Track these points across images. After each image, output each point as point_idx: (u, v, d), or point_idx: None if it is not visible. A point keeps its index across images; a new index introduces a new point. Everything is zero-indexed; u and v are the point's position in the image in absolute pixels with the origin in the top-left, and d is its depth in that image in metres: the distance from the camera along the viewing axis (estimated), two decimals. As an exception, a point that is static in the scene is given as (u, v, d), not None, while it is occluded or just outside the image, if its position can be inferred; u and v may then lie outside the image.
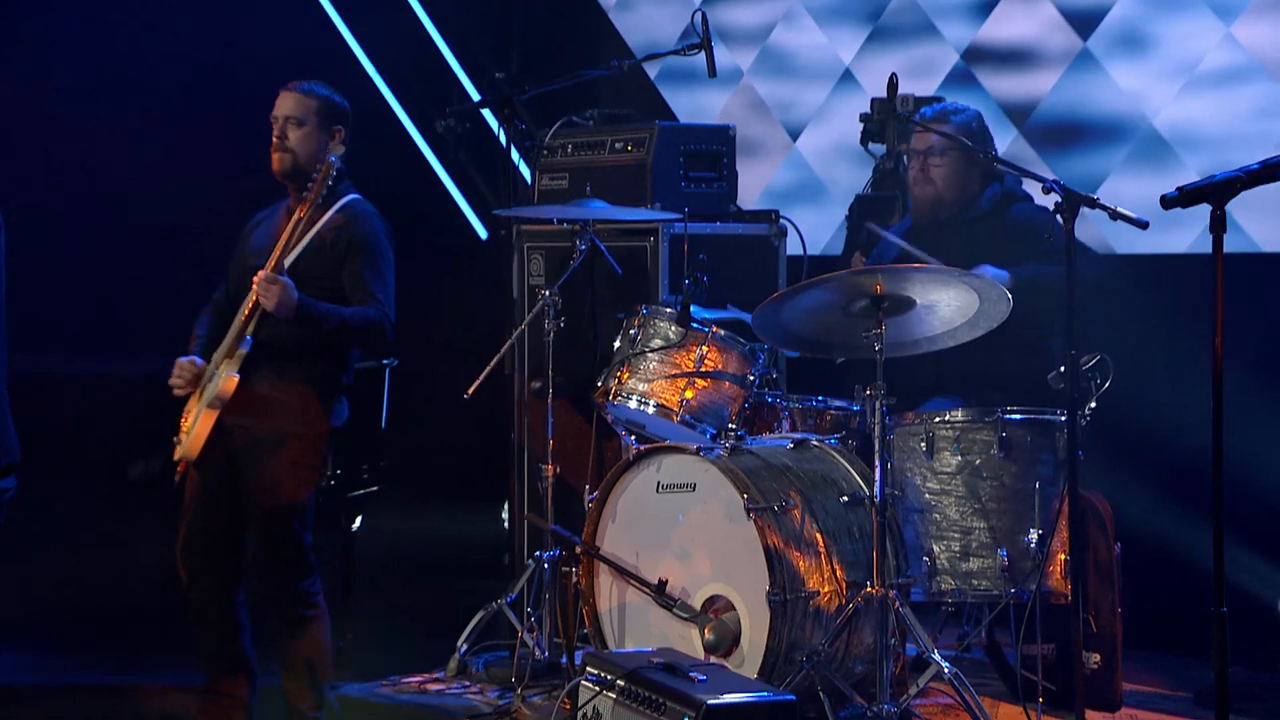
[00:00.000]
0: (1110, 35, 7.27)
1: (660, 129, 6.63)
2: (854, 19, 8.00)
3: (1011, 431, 5.27)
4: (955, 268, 5.18)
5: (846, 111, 7.95)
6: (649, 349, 5.59)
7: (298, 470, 5.35)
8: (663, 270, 6.44)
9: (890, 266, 5.14)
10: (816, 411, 5.70)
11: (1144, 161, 7.13)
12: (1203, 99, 7.00)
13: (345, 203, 5.42)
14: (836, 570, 5.16)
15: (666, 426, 5.62)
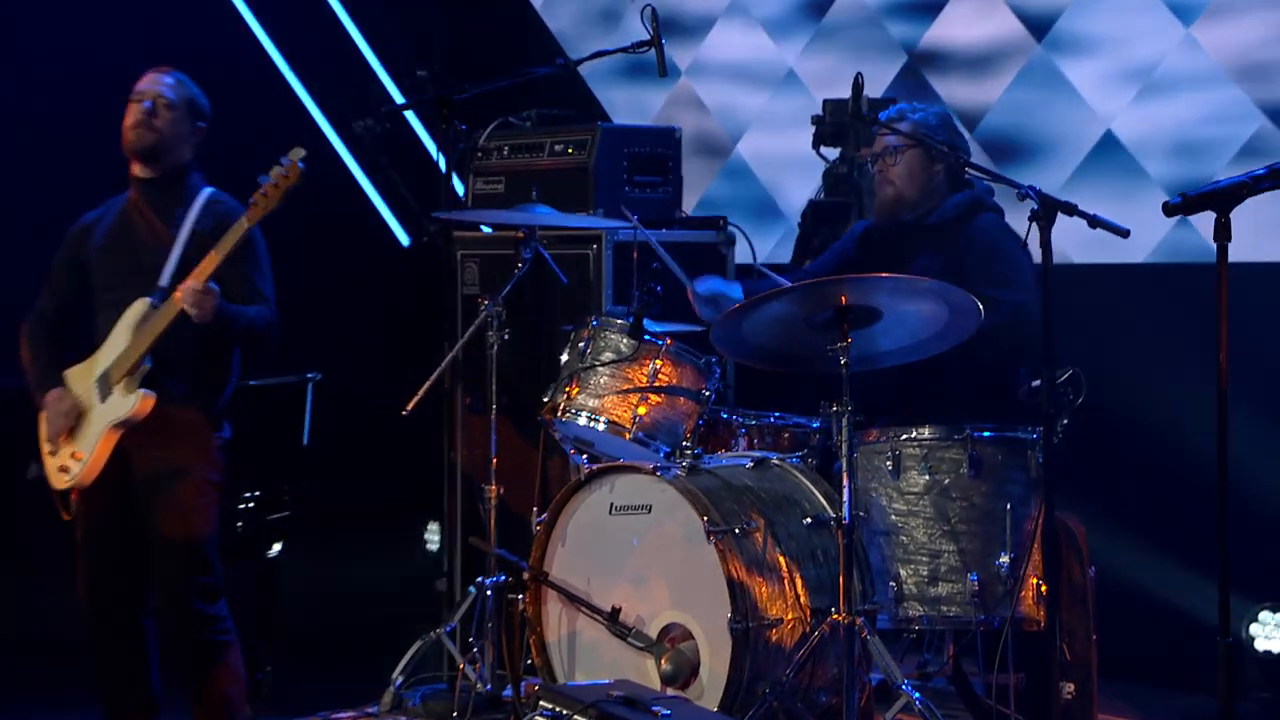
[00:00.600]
0: (1066, 36, 7.29)
1: (603, 130, 6.59)
2: (797, 17, 7.99)
3: (982, 449, 5.24)
4: (925, 278, 5.11)
5: (790, 113, 7.96)
6: (599, 363, 5.53)
7: (202, 493, 5.34)
8: (607, 279, 6.41)
9: (857, 276, 5.08)
10: (774, 428, 5.66)
11: (1102, 167, 7.15)
12: (1162, 103, 7.04)
13: (211, 197, 5.41)
14: (800, 596, 5.11)
15: (618, 444, 5.56)
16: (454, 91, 5.94)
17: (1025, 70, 7.38)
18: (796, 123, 7.85)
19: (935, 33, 7.61)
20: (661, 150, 6.71)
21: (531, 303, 5.91)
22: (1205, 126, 6.92)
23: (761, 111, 8.08)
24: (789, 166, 7.94)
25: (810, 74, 7.95)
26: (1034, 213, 4.85)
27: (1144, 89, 7.08)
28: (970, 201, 5.80)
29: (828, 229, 6.56)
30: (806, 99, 7.92)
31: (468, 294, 6.80)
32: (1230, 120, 6.84)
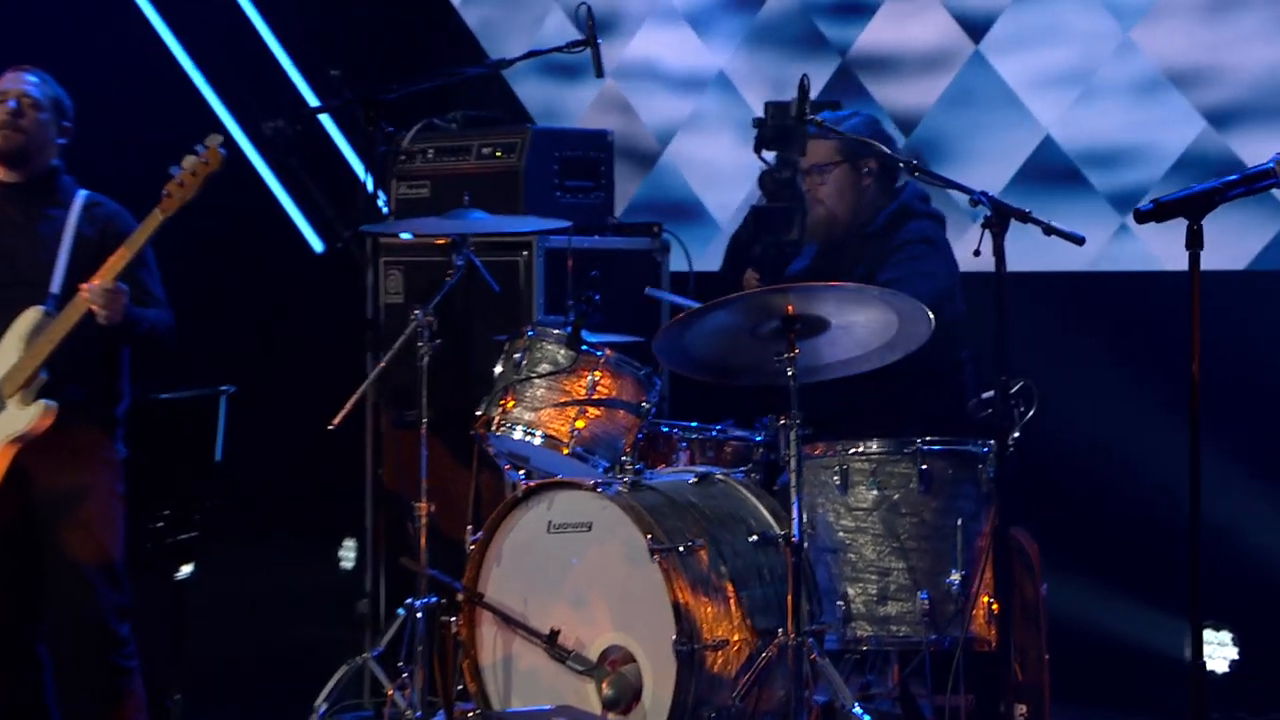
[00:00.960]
0: (1003, 39, 7.31)
1: (534, 133, 6.57)
2: (728, 17, 7.98)
3: (932, 463, 5.24)
4: (874, 286, 5.11)
5: (720, 116, 7.94)
6: (536, 374, 5.49)
7: (109, 508, 5.30)
8: (538, 288, 6.38)
9: (804, 285, 5.07)
10: (716, 442, 5.63)
11: (1041, 173, 7.18)
12: (1102, 107, 7.07)
13: (89, 200, 5.34)
14: (746, 617, 5.08)
15: (555, 459, 5.52)
16: (381, 91, 5.86)
17: (962, 73, 7.39)
18: (727, 125, 7.91)
19: (870, 34, 7.62)
20: (593, 154, 6.69)
21: (460, 312, 5.88)
22: (1146, 131, 6.96)
23: (691, 114, 8.05)
24: (719, 171, 7.93)
25: (741, 76, 7.93)
26: (987, 219, 4.85)
27: (1083, 93, 7.11)
28: (898, 210, 5.84)
29: (770, 235, 6.54)
30: (737, 101, 7.91)
31: (391, 303, 6.75)
32: (1171, 125, 6.89)
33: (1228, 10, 6.78)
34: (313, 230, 8.92)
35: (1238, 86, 6.76)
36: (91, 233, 5.33)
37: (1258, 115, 6.71)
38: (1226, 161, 6.70)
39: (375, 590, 6.58)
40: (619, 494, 5.16)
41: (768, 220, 6.64)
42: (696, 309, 5.09)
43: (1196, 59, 6.88)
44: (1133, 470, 6.46)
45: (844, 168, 5.77)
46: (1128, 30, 7.03)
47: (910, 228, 5.78)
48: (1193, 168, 6.83)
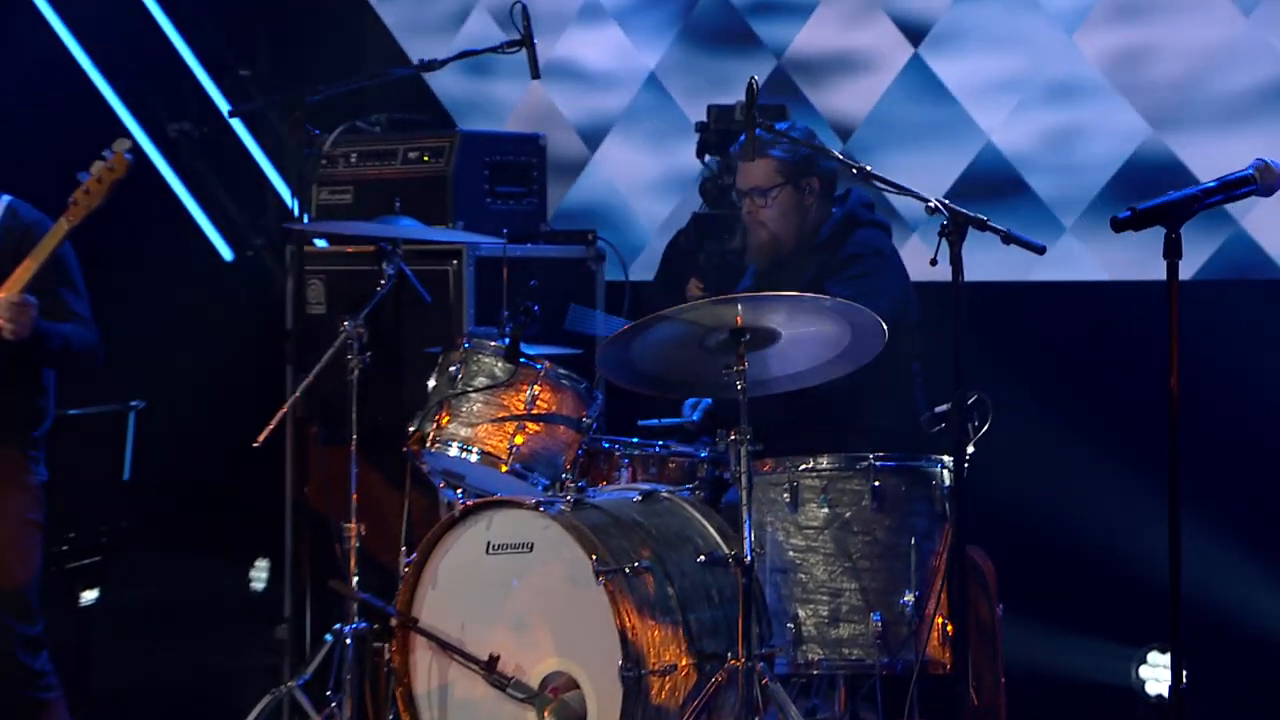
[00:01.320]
0: (944, 41, 7.31)
1: (463, 137, 6.56)
2: (658, 17, 7.95)
3: (885, 480, 5.23)
4: (826, 296, 5.10)
5: (651, 119, 7.91)
6: (472, 389, 5.45)
7: (23, 535, 5.26)
8: (468, 298, 6.35)
9: (754, 295, 5.06)
10: (659, 458, 5.60)
11: (982, 181, 7.17)
12: (1044, 113, 7.08)
13: (10, 205, 5.30)
14: (695, 640, 5.06)
15: (492, 477, 5.48)
16: (308, 92, 5.80)
17: (901, 77, 7.39)
18: (658, 129, 7.86)
19: (806, 36, 7.60)
20: (525, 158, 6.70)
21: (389, 323, 5.82)
22: (1090, 138, 6.97)
23: (619, 117, 8.02)
24: (651, 176, 7.90)
25: (673, 78, 7.90)
26: (944, 228, 4.84)
27: (1025, 98, 7.12)
28: (843, 219, 5.85)
29: (713, 243, 6.52)
30: (668, 104, 7.88)
31: (313, 313, 6.68)
32: (1116, 132, 6.91)
33: (1169, 12, 6.80)
34: (221, 238, 8.82)
35: (1180, 89, 6.78)
36: (6, 242, 5.23)
37: (1200, 118, 6.72)
38: (1170, 165, 6.74)
39: (296, 615, 6.50)
40: (561, 513, 5.12)
41: (710, 227, 6.61)
42: (641, 321, 5.05)
43: (1141, 64, 6.89)
44: (1086, 488, 6.48)
45: (786, 190, 5.79)
46: (1071, 35, 7.04)
47: (857, 238, 5.79)
48: (1137, 173, 6.85)
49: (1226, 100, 6.67)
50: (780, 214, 5.78)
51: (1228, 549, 6.18)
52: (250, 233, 8.68)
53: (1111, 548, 6.36)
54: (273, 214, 8.69)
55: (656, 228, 7.85)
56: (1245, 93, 6.62)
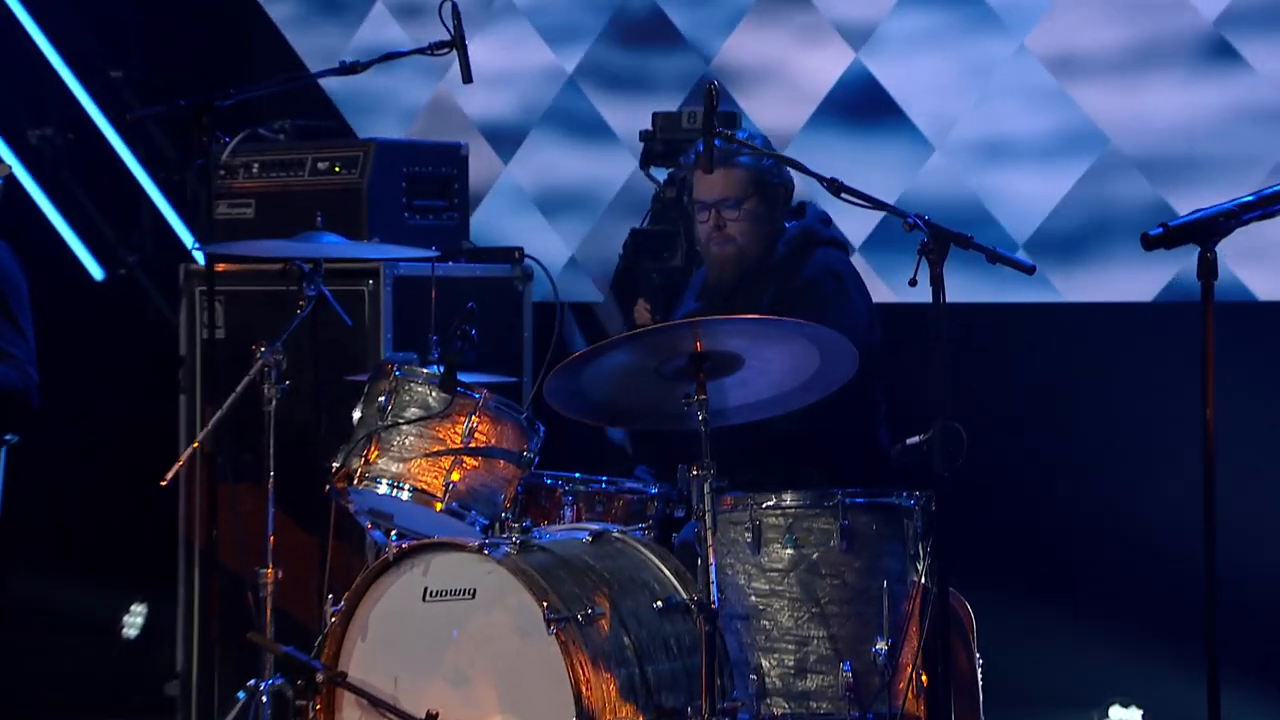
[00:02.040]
0: (888, 45, 7.32)
1: (378, 146, 6.49)
2: (577, 19, 7.91)
3: (855, 518, 5.16)
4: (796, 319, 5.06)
5: (570, 128, 7.88)
6: (404, 420, 5.36)
7: None
8: (386, 322, 6.28)
9: (714, 318, 5.01)
10: (606, 495, 5.52)
11: (931, 194, 7.18)
12: (996, 121, 7.11)
13: None
14: (653, 694, 4.98)
15: (424, 516, 5.39)
16: (220, 97, 5.68)
17: (841, 85, 7.38)
18: (577, 139, 7.85)
19: (738, 39, 7.59)
20: (445, 169, 6.64)
21: (303, 350, 5.72)
22: (1046, 147, 7.01)
23: (536, 124, 7.98)
24: (570, 188, 7.87)
25: (593, 84, 7.87)
26: (924, 245, 4.83)
27: (976, 106, 7.13)
28: (801, 237, 5.83)
29: (651, 261, 6.50)
30: (589, 111, 7.85)
31: (210, 338, 6.53)
32: (1074, 140, 6.95)
33: (1130, 10, 6.86)
34: (90, 255, 8.67)
35: (1145, 95, 6.85)
36: None
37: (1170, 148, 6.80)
38: (1137, 172, 6.82)
39: (189, 669, 6.39)
40: (507, 556, 5.05)
41: (648, 245, 6.58)
42: (593, 347, 4.99)
43: (1096, 69, 6.94)
44: (1072, 517, 6.54)
45: (755, 200, 5.77)
46: (1023, 37, 7.06)
47: (816, 259, 5.78)
48: (1101, 183, 6.90)
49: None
50: (752, 227, 5.76)
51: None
52: (122, 249, 8.56)
53: (1104, 579, 6.42)
54: (148, 229, 8.58)
55: (578, 243, 7.82)
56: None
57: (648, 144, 6.85)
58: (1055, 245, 6.96)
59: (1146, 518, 6.46)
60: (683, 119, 6.78)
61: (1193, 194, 6.59)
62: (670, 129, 6.79)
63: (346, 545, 6.09)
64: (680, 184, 6.65)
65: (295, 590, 5.84)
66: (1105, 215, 6.87)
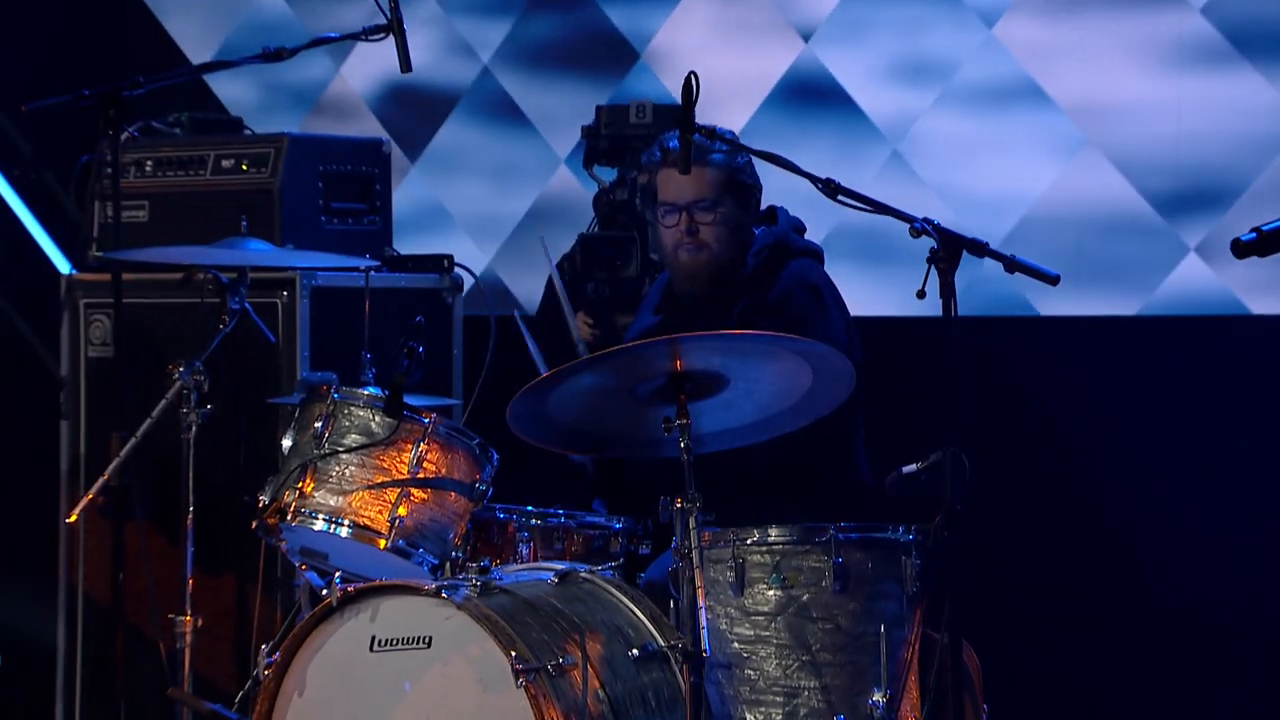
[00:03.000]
0: (840, 33, 7.30)
1: (292, 141, 6.35)
2: (492, 2, 7.86)
3: (849, 556, 5.09)
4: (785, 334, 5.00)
5: (485, 124, 7.83)
6: (343, 448, 5.26)
7: None
8: (303, 338, 6.16)
9: (697, 335, 4.91)
10: (565, 531, 5.45)
11: (888, 196, 7.13)
12: (961, 116, 7.12)
13: None
14: (630, 753, 4.93)
15: (365, 556, 5.28)
16: (129, 86, 5.56)
17: (789, 77, 7.34)
18: (494, 134, 7.81)
19: (673, 25, 7.54)
20: (366, 168, 6.52)
21: (214, 370, 5.62)
22: (1013, 143, 7.04)
23: (448, 120, 7.92)
24: (487, 190, 7.83)
25: (511, 75, 7.82)
26: (933, 253, 4.78)
27: (940, 99, 7.13)
28: (774, 246, 5.80)
29: (604, 271, 6.46)
30: (505, 105, 7.81)
31: (96, 355, 6.46)
32: (1048, 136, 6.98)
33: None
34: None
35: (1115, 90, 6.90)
36: None
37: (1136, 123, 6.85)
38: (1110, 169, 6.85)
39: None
40: (468, 599, 4.94)
41: (598, 252, 6.54)
42: (562, 366, 4.91)
43: (1071, 63, 6.97)
44: (1093, 552, 6.58)
45: (729, 203, 5.73)
46: (991, 28, 7.07)
47: (791, 271, 5.74)
48: (1075, 182, 6.93)
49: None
50: (727, 231, 5.72)
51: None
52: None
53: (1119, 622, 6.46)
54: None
55: (495, 250, 7.77)
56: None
57: (591, 141, 6.80)
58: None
59: (1160, 547, 6.51)
60: (630, 112, 6.73)
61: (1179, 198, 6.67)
62: (616, 124, 6.75)
63: (270, 589, 5.94)
64: (631, 185, 6.61)
65: (220, 640, 5.80)
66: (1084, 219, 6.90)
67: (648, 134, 6.53)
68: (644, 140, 6.39)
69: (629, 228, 6.64)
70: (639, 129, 6.66)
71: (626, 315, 6.39)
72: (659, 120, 6.65)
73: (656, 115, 6.71)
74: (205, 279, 5.63)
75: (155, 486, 5.77)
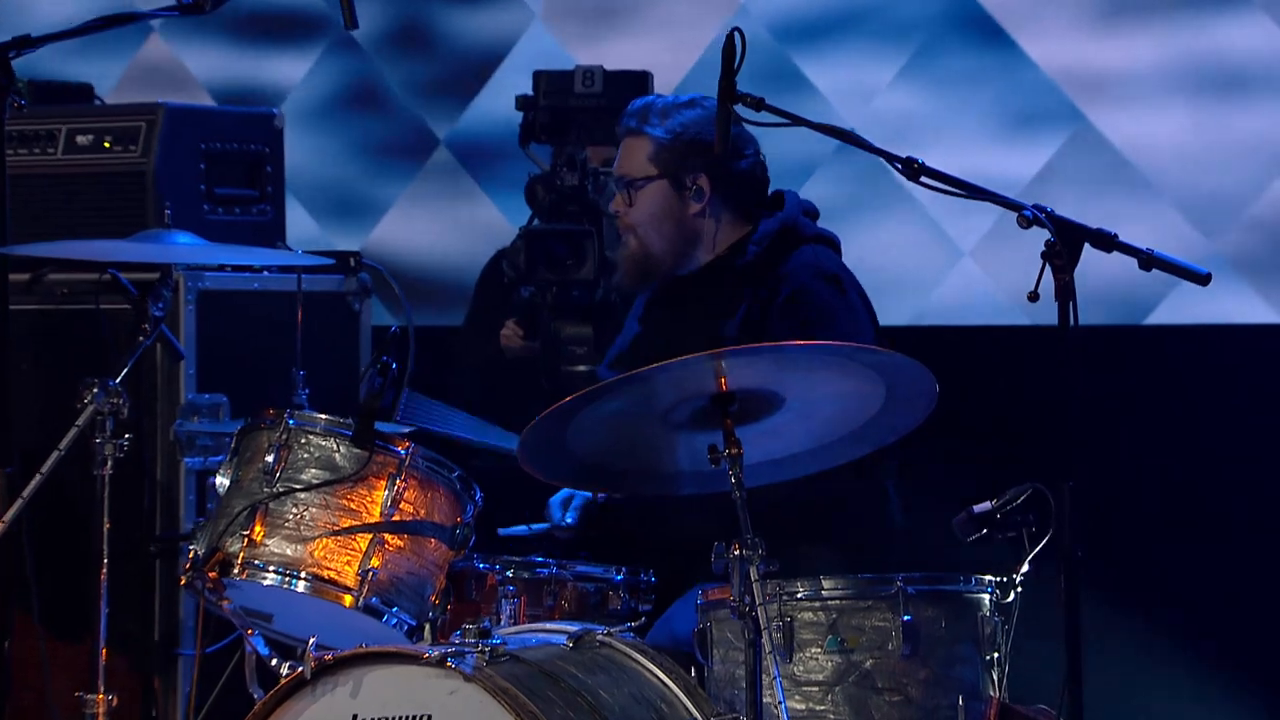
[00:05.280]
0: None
1: (169, 112, 6.27)
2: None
3: (919, 613, 5.03)
4: (839, 342, 5.07)
5: (345, 96, 7.88)
6: (300, 485, 5.13)
7: None
8: (189, 352, 6.08)
9: (743, 347, 4.86)
10: (558, 583, 5.42)
11: (839, 175, 7.29)
12: (923, 87, 7.26)
13: None
14: None
15: (323, 616, 5.16)
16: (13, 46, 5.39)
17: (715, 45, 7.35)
18: (355, 107, 7.89)
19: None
20: (254, 146, 6.48)
21: (148, 388, 5.61)
22: (1007, 130, 7.20)
23: (295, 89, 7.90)
24: (347, 174, 7.88)
25: (376, 37, 7.83)
26: (1050, 247, 4.70)
27: (899, 74, 7.18)
28: (779, 231, 5.79)
29: (553, 273, 6.39)
30: (372, 73, 7.84)
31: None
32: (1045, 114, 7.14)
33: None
34: None
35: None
36: None
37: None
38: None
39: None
40: (479, 670, 4.80)
41: (548, 249, 6.47)
42: (584, 391, 4.82)
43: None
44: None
45: (660, 185, 5.73)
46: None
47: (802, 259, 5.74)
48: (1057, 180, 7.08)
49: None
50: (648, 215, 5.74)
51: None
52: None
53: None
54: None
55: (360, 245, 7.76)
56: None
57: (529, 112, 6.73)
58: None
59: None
60: (577, 80, 6.68)
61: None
62: (558, 93, 6.69)
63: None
64: (582, 166, 6.60)
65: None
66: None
67: (598, 106, 6.50)
68: (592, 114, 6.42)
69: (580, 219, 6.58)
70: (585, 99, 6.63)
71: (576, 325, 6.41)
72: (612, 90, 6.57)
73: (609, 84, 6.65)
74: (106, 281, 5.51)
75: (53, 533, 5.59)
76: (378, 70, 7.81)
